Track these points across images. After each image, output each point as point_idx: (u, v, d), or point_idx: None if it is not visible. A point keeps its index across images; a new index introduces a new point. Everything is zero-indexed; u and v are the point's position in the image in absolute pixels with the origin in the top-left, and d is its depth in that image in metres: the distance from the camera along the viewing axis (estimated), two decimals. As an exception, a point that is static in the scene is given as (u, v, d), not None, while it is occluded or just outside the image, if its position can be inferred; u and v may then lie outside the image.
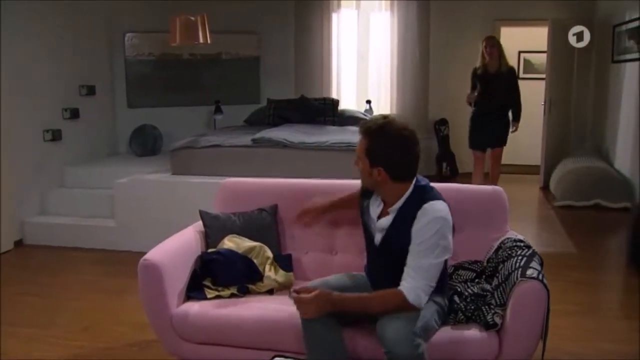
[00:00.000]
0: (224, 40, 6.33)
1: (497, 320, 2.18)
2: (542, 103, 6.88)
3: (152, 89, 6.40)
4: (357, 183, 2.85)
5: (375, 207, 2.22)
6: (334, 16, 6.98)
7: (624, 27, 6.02)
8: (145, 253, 2.46)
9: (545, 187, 6.84)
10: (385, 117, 2.11)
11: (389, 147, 2.04)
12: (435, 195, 2.10)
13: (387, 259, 2.18)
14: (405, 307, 1.97)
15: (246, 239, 2.75)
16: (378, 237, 2.19)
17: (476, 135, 5.53)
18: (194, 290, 2.58)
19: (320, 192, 2.88)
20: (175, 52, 6.35)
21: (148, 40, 6.27)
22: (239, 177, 4.45)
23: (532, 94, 8.21)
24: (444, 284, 2.20)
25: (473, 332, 2.18)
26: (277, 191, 2.99)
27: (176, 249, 2.61)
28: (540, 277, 2.15)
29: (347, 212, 2.64)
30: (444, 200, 2.11)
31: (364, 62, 7.25)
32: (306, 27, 6.94)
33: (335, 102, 6.01)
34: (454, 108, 7.01)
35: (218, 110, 6.23)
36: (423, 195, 2.09)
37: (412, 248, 2.03)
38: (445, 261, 2.10)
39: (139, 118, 6.14)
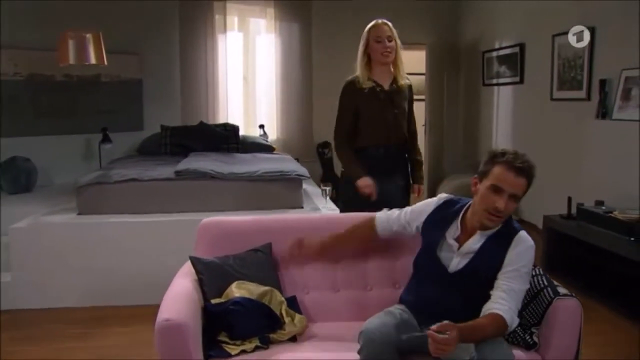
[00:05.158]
0: (102, 60, 5.75)
1: (536, 339, 2.30)
2: (423, 124, 7.40)
3: (20, 114, 5.50)
4: (352, 215, 2.82)
5: (452, 234, 2.24)
6: (220, 37, 6.72)
7: (494, 54, 6.70)
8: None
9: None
10: (516, 151, 2.14)
11: None
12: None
13: (466, 284, 2.17)
14: (503, 331, 2.02)
15: (255, 284, 2.52)
16: (457, 262, 2.19)
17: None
18: (209, 348, 2.29)
19: (313, 228, 2.78)
20: (46, 73, 5.58)
21: (13, 58, 5.40)
22: (165, 213, 4.14)
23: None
24: None
25: (517, 354, 2.24)
26: (262, 228, 2.79)
27: (184, 304, 2.29)
28: (572, 294, 2.32)
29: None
30: None
31: (249, 85, 7.09)
32: (191, 48, 6.57)
33: (237, 129, 5.81)
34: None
35: (106, 138, 5.60)
36: (513, 223, 2.21)
37: (505, 272, 2.10)
38: None
39: (4, 149, 5.25)
